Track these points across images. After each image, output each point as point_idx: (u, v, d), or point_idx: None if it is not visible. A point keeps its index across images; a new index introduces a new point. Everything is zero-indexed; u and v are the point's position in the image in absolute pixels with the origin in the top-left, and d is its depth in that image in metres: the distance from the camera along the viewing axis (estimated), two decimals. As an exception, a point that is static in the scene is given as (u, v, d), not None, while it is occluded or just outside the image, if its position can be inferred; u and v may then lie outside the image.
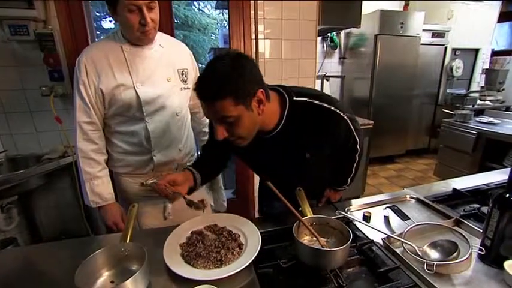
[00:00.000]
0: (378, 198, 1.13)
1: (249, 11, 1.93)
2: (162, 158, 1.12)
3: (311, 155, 0.88)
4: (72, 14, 1.66)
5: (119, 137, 1.09)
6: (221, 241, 0.82)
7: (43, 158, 1.66)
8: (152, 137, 1.08)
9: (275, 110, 0.83)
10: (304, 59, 2.09)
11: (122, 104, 1.02)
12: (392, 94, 3.60)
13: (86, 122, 1.02)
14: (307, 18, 2.05)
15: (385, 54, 3.41)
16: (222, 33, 3.52)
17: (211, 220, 0.93)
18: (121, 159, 1.11)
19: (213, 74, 0.70)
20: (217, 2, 2.77)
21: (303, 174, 0.96)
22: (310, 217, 0.85)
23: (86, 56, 0.99)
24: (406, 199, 1.14)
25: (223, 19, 8.77)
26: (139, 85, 1.02)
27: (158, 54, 1.08)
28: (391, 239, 0.84)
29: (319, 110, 0.83)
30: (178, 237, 0.85)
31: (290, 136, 0.85)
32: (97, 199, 1.06)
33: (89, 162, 1.04)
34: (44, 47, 1.61)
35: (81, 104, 1.00)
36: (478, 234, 0.86)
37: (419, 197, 1.13)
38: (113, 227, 1.08)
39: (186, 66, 1.15)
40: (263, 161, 0.94)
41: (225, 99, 0.69)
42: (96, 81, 0.99)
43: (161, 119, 1.08)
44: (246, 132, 0.77)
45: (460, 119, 2.93)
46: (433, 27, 3.69)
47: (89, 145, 1.04)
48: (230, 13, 1.93)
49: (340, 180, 1.12)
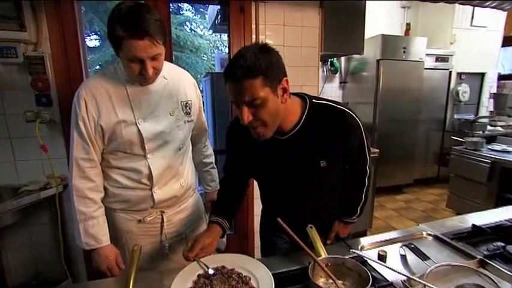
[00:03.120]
0: (391, 235, 1.15)
1: (250, 36, 2.05)
2: (163, 194, 1.13)
3: (325, 164, 0.95)
4: (66, 36, 1.73)
5: (117, 171, 1.09)
6: (231, 285, 0.82)
7: (21, 190, 1.63)
8: (154, 173, 1.09)
9: (295, 109, 0.94)
10: (307, 85, 2.21)
11: (123, 141, 1.04)
12: (397, 119, 3.74)
13: (84, 158, 1.03)
14: (310, 44, 2.19)
15: (388, 79, 3.60)
16: (218, 57, 3.66)
17: (217, 261, 0.93)
18: (118, 194, 1.11)
19: (243, 57, 0.79)
20: (215, 25, 2.92)
21: (315, 189, 1.02)
22: (326, 257, 0.87)
23: (86, 90, 1.01)
24: (422, 236, 1.16)
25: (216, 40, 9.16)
26: (142, 121, 1.05)
27: (161, 87, 1.10)
28: (412, 281, 0.85)
29: (337, 112, 0.94)
30: (184, 281, 0.85)
31: (306, 139, 0.94)
32: (91, 241, 1.04)
33: (85, 201, 1.04)
34: (32, 70, 1.66)
35: (79, 140, 1.01)
36: (507, 277, 0.87)
37: (436, 233, 1.15)
38: (107, 272, 1.05)
39: (190, 98, 1.18)
40: (277, 171, 1.00)
41: (255, 79, 0.78)
42: (96, 116, 1.01)
43: (163, 155, 1.10)
44: (269, 118, 0.85)
45: (471, 146, 3.00)
46: (436, 51, 3.94)
47: (86, 183, 1.04)
48: (230, 36, 2.05)
49: (349, 209, 1.14)
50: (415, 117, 3.87)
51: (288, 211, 1.02)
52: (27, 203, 1.58)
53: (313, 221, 1.03)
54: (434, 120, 4.20)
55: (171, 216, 1.20)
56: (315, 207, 1.08)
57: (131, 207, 1.13)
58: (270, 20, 2.08)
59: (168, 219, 1.19)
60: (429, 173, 4.32)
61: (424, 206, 3.57)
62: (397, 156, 3.83)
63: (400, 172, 3.93)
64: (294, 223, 0.93)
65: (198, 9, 8.91)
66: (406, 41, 3.65)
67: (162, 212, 1.17)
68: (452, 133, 3.96)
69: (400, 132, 3.80)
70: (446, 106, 4.21)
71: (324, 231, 1.14)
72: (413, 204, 3.64)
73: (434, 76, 4.00)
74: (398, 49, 3.58)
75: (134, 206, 1.13)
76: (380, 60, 3.54)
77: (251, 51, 0.80)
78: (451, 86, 4.15)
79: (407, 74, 3.68)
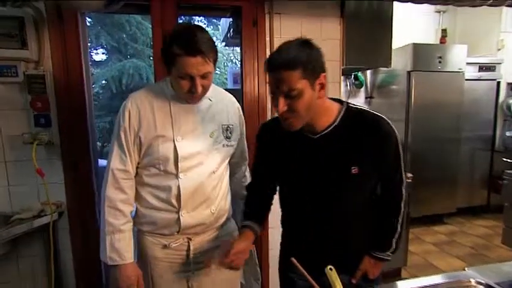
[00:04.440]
0: (430, 281, 1.05)
1: (264, 50, 2.10)
2: (190, 219, 1.19)
3: (357, 170, 1.00)
4: (69, 54, 1.84)
5: (147, 189, 1.19)
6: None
7: (13, 219, 1.66)
8: (183, 194, 1.16)
9: (331, 110, 1.04)
10: (328, 102, 2.20)
11: (158, 156, 1.14)
12: (433, 138, 3.64)
13: (120, 169, 1.14)
14: (330, 58, 2.21)
15: (421, 93, 3.55)
16: (231, 72, 3.74)
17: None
18: (145, 215, 1.20)
19: (285, 49, 0.92)
20: (227, 38, 3.01)
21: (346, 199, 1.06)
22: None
23: (132, 101, 1.16)
24: (470, 284, 1.04)
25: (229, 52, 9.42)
26: (180, 138, 1.15)
27: (205, 107, 1.22)
28: None
29: (373, 117, 1.02)
30: None
31: (339, 140, 1.01)
32: (115, 256, 1.13)
33: (115, 213, 1.14)
34: (32, 89, 1.76)
35: (118, 151, 1.14)
36: None
37: (489, 283, 1.01)
38: None
39: (232, 122, 1.29)
40: (309, 168, 1.06)
41: (295, 71, 0.89)
42: (137, 128, 1.14)
43: (195, 177, 1.18)
44: (303, 110, 0.94)
45: (528, 169, 2.85)
46: (480, 60, 3.86)
47: (119, 194, 1.14)
48: (243, 51, 2.11)
49: (382, 241, 1.11)
50: (455, 136, 3.75)
51: (313, 228, 1.09)
52: (19, 233, 1.61)
53: (339, 244, 1.08)
54: (479, 138, 4.05)
55: (198, 244, 1.25)
56: (344, 223, 1.08)
57: (157, 230, 1.21)
58: (286, 32, 2.13)
59: (195, 247, 1.24)
60: (477, 200, 4.12)
61: (473, 241, 3.38)
62: (435, 180, 3.69)
63: (439, 199, 3.76)
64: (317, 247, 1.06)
65: (211, 20, 9.26)
66: (442, 49, 3.61)
67: (189, 239, 1.23)
68: (504, 153, 3.79)
69: (437, 153, 3.68)
70: (495, 122, 4.06)
71: (350, 262, 1.11)
72: (458, 238, 3.45)
73: (478, 88, 3.90)
74: (433, 59, 3.54)
75: (160, 229, 1.20)
76: (411, 72, 3.51)
77: (293, 45, 0.93)
78: (500, 99, 4.02)
79: (444, 86, 3.62)
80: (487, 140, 4.08)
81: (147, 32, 8.04)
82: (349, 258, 1.11)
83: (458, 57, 3.62)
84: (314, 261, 0.95)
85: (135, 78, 7.87)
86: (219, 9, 2.23)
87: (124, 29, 8.07)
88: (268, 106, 2.17)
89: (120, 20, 7.77)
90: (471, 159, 4.04)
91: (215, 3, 2.09)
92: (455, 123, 3.73)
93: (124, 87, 7.87)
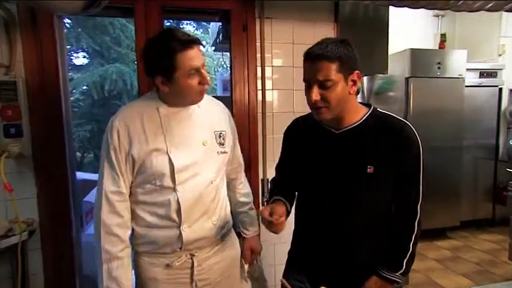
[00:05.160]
0: None
1: (255, 56, 2.12)
2: (192, 233, 1.21)
3: (372, 170, 1.07)
4: (44, 58, 1.82)
5: (143, 207, 1.20)
6: None
7: (-26, 241, 1.59)
8: (183, 207, 1.18)
9: (359, 110, 1.14)
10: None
11: (153, 172, 1.16)
12: (433, 147, 3.67)
13: (114, 191, 1.15)
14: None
15: (420, 100, 3.60)
16: (220, 78, 3.73)
17: None
18: (143, 235, 1.21)
19: (325, 43, 1.03)
20: (217, 43, 3.02)
21: (360, 200, 1.12)
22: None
23: (120, 118, 1.17)
24: None
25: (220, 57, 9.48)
26: (173, 149, 1.18)
27: (194, 114, 1.25)
28: None
29: (398, 122, 1.12)
30: None
31: (360, 138, 1.10)
32: (114, 285, 1.13)
33: (111, 239, 1.14)
34: (2, 96, 1.72)
35: (110, 172, 1.15)
36: None
37: None
38: None
39: (224, 128, 1.32)
40: (325, 168, 1.15)
41: (333, 63, 1.00)
42: (128, 146, 1.15)
43: (194, 188, 1.20)
44: (335, 102, 1.04)
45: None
46: (481, 65, 3.93)
47: (115, 218, 1.15)
48: (232, 57, 2.12)
49: (392, 260, 1.13)
50: (456, 144, 3.80)
51: (330, 224, 1.15)
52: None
53: (351, 248, 1.14)
54: (482, 147, 4.10)
55: (202, 260, 1.26)
56: (359, 224, 1.14)
57: (158, 249, 1.21)
58: (277, 38, 2.16)
59: (199, 263, 1.26)
60: (481, 213, 4.14)
61: (478, 257, 3.38)
62: (437, 191, 3.71)
63: (441, 212, 3.77)
64: (334, 243, 1.14)
65: (201, 23, 9.33)
66: (441, 54, 3.68)
67: (192, 256, 1.24)
68: (508, 163, 3.82)
69: (438, 163, 3.71)
70: (498, 130, 4.12)
71: (357, 277, 1.14)
72: (463, 254, 3.46)
73: (479, 94, 3.97)
74: (432, 65, 3.60)
75: (161, 248, 1.21)
76: (409, 78, 3.56)
77: (332, 40, 1.05)
78: (502, 106, 4.09)
79: (443, 93, 3.68)
80: (490, 149, 4.13)
81: (131, 35, 8.04)
82: (356, 271, 1.15)
83: (458, 62, 3.69)
84: (327, 261, 1.15)
85: (118, 84, 7.84)
86: (206, 13, 2.25)
87: (107, 31, 8.07)
88: (259, 115, 2.17)
89: (103, 22, 7.78)
90: (474, 169, 4.08)
91: (202, 7, 2.10)
92: (456, 131, 3.78)
93: (107, 94, 7.83)
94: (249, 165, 2.12)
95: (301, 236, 1.30)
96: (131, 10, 1.94)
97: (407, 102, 3.59)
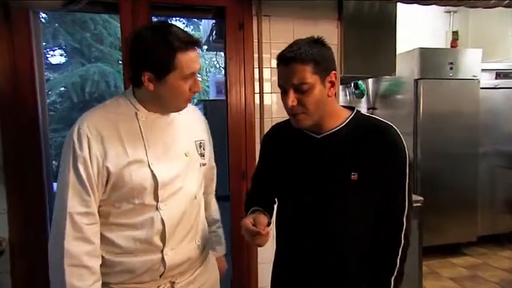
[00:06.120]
0: None
1: (252, 56, 2.12)
2: (176, 256, 1.15)
3: (356, 177, 1.08)
4: (17, 58, 1.80)
5: (117, 231, 1.10)
6: None
7: None
8: (167, 228, 1.11)
9: (341, 114, 1.16)
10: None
11: (131, 187, 1.08)
12: (446, 154, 3.69)
13: (82, 213, 1.03)
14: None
15: (430, 103, 3.62)
16: (213, 80, 3.70)
17: None
18: (117, 263, 1.10)
19: (298, 44, 1.06)
20: (209, 42, 3.03)
21: (344, 209, 1.12)
22: None
23: (89, 124, 1.07)
24: None
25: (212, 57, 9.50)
26: (156, 161, 1.12)
27: (176, 122, 1.22)
28: None
29: (382, 125, 1.13)
30: None
31: (342, 143, 1.12)
32: None
33: (80, 272, 1.02)
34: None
35: (77, 189, 1.03)
36: None
37: None
38: None
39: (203, 137, 1.31)
40: (306, 175, 1.16)
41: (307, 65, 1.02)
42: (101, 158, 1.05)
43: (178, 204, 1.15)
44: (313, 106, 1.06)
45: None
46: (497, 65, 3.96)
47: (83, 246, 1.03)
48: (227, 57, 2.13)
49: (378, 278, 1.12)
50: (471, 151, 3.80)
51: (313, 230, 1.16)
52: None
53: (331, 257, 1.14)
54: (500, 154, 4.10)
55: (183, 287, 1.21)
56: (339, 232, 1.14)
57: (134, 278, 1.12)
58: (276, 37, 2.18)
59: None
60: (500, 227, 4.12)
61: (498, 276, 3.35)
62: (450, 203, 3.71)
63: (455, 226, 3.77)
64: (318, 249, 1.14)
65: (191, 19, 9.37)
66: (453, 54, 3.71)
67: (172, 283, 1.19)
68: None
69: (451, 171, 3.71)
70: (517, 135, 4.13)
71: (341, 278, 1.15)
72: (482, 272, 3.43)
73: (496, 97, 3.98)
74: (443, 65, 3.62)
75: (139, 277, 1.12)
76: (419, 79, 3.58)
77: (305, 41, 1.07)
78: (521, 109, 4.10)
79: (456, 95, 3.69)
80: (508, 156, 4.11)
81: (115, 32, 8.03)
82: (340, 278, 1.15)
83: (472, 62, 3.71)
84: (310, 267, 1.15)
85: (100, 85, 7.80)
86: (199, 10, 2.25)
87: (87, 27, 8.02)
88: (257, 120, 2.17)
89: (83, 17, 7.72)
90: (491, 179, 4.07)
91: (195, 3, 2.11)
92: (471, 137, 3.78)
93: (87, 96, 7.78)
94: (245, 175, 2.12)
95: (284, 244, 1.29)
96: (116, 6, 1.94)
97: (417, 106, 3.60)
